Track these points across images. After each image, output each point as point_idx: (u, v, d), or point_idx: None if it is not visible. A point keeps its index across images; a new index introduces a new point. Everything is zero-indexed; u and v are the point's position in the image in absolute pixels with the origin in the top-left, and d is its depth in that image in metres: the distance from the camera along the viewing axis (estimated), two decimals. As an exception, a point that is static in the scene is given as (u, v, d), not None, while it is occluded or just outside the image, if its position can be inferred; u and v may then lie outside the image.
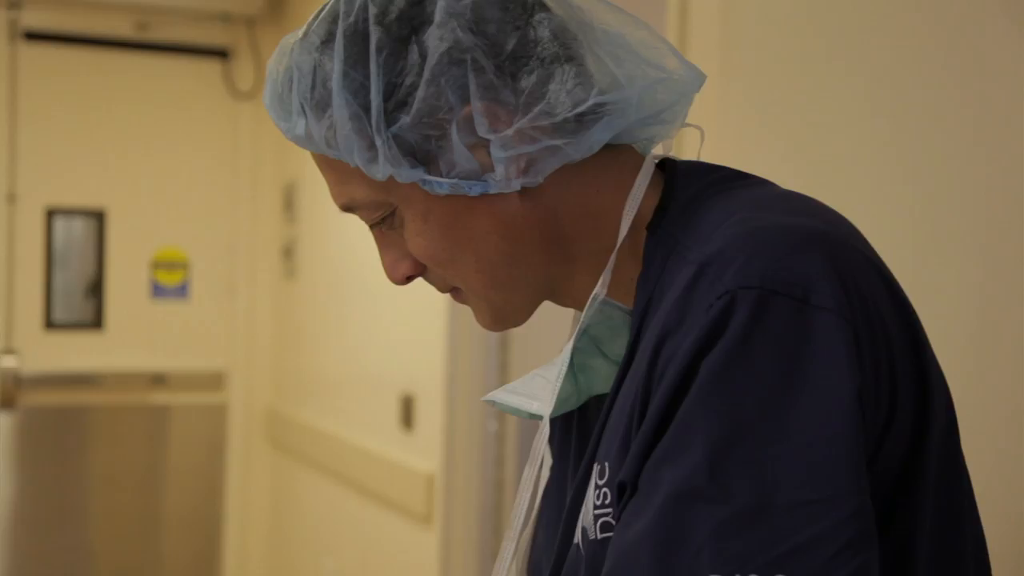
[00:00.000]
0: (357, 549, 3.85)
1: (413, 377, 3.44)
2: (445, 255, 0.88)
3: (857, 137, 1.59)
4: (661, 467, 0.74)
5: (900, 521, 0.78)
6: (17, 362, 4.25)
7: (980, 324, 1.39)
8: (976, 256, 1.40)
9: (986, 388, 1.35)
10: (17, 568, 4.35)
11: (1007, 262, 1.36)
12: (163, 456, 4.56)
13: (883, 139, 1.55)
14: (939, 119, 1.46)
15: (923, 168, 1.48)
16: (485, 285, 0.89)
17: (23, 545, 4.35)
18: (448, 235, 0.87)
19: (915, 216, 1.49)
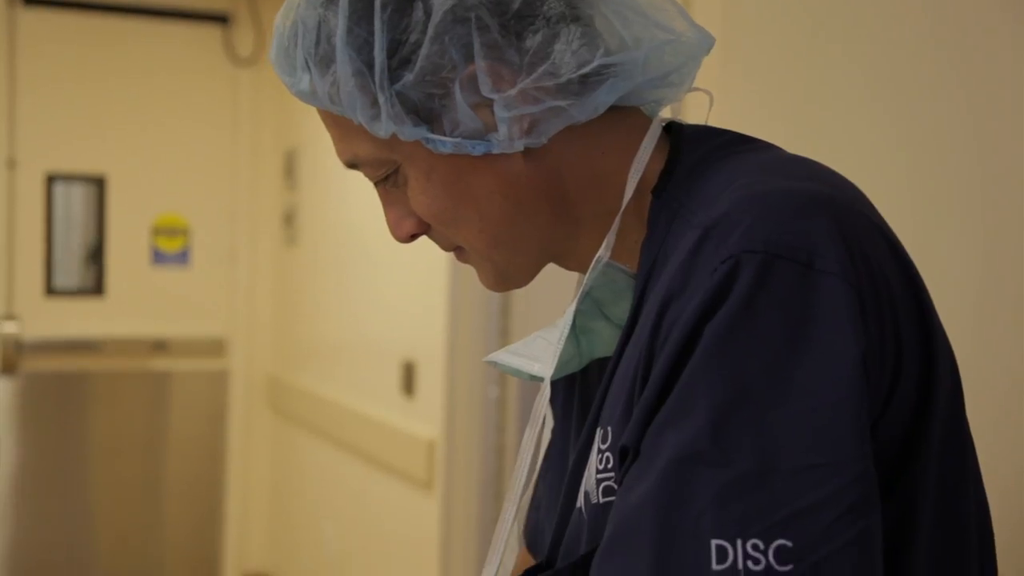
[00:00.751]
0: (358, 515, 3.86)
1: (414, 343, 3.44)
2: (448, 214, 0.87)
3: (857, 126, 1.59)
4: (663, 431, 0.74)
5: (904, 486, 0.78)
6: (18, 328, 4.25)
7: (981, 299, 1.38)
8: (977, 233, 1.40)
9: (988, 356, 1.35)
10: (18, 533, 4.37)
11: (1008, 239, 1.35)
12: (164, 422, 4.57)
13: (883, 129, 1.54)
14: (938, 104, 1.45)
15: (924, 160, 1.47)
16: (488, 245, 0.89)
17: (24, 510, 4.37)
18: (451, 194, 0.86)
19: (915, 205, 1.48)
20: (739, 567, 0.69)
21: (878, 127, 1.55)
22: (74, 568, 4.43)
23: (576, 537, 0.84)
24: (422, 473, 3.29)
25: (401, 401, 3.51)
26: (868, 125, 1.56)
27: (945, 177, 1.44)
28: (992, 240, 1.38)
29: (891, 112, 1.53)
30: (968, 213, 1.40)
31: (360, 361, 3.91)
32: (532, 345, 0.90)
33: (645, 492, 0.73)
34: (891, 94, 1.53)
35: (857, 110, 1.59)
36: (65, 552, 4.42)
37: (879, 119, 1.55)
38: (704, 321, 0.74)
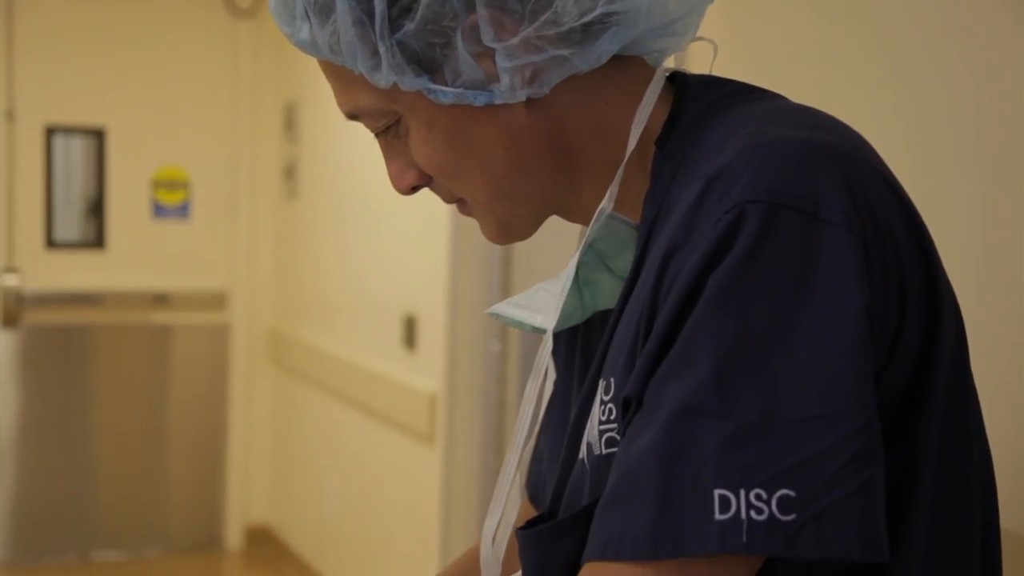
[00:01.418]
0: (360, 468, 3.88)
1: (415, 297, 3.44)
2: (450, 166, 0.87)
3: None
4: (666, 382, 0.73)
5: (907, 437, 0.78)
6: (19, 281, 4.26)
7: (984, 256, 1.38)
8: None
9: (992, 309, 1.35)
10: (21, 485, 4.39)
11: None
12: (166, 375, 4.58)
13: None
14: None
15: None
16: (490, 197, 0.88)
17: (27, 462, 4.39)
18: (453, 145, 0.86)
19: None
20: (742, 517, 0.69)
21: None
22: (77, 520, 4.47)
23: (578, 488, 0.84)
24: (423, 427, 3.30)
25: (402, 355, 3.52)
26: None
27: (945, 151, 1.43)
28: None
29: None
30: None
31: (361, 315, 3.92)
32: (534, 297, 0.89)
33: (648, 443, 0.73)
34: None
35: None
36: (68, 504, 4.45)
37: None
38: (707, 272, 0.73)
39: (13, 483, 4.38)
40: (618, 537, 0.73)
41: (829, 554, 0.70)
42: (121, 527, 4.52)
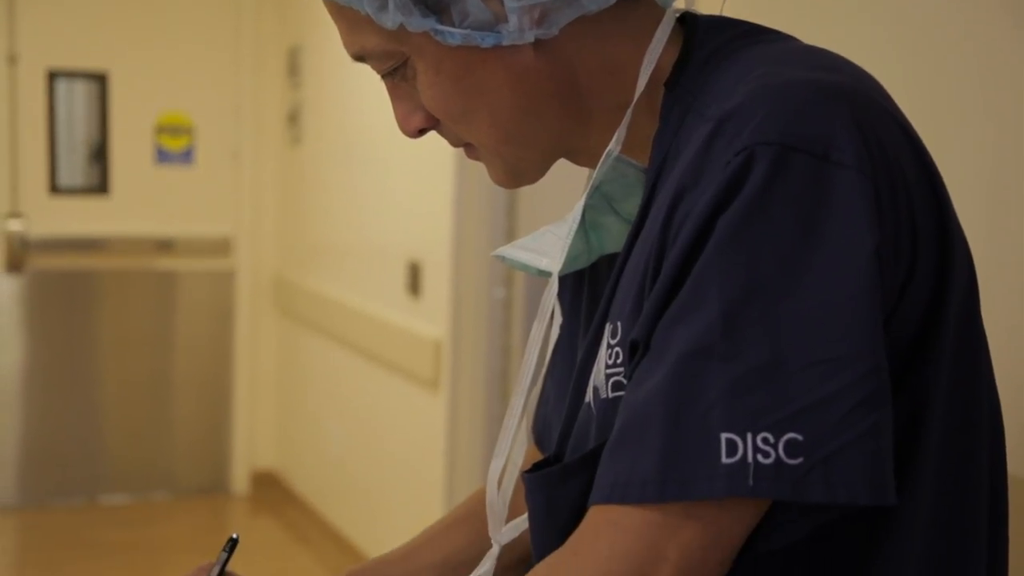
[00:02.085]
0: (365, 414, 3.90)
1: (420, 244, 3.44)
2: (458, 109, 0.85)
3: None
4: (674, 325, 0.73)
5: (916, 381, 0.77)
6: (23, 226, 4.25)
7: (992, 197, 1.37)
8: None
9: (1001, 255, 1.34)
10: (29, 430, 4.42)
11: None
12: (171, 321, 4.59)
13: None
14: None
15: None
16: (498, 140, 0.87)
17: (34, 407, 4.42)
18: (461, 88, 0.85)
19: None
20: (748, 460, 0.69)
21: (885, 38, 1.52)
22: (84, 464, 4.50)
23: (585, 432, 0.84)
24: (428, 373, 3.31)
25: (407, 301, 3.52)
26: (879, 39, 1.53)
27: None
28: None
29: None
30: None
31: (366, 261, 3.91)
32: (541, 240, 0.89)
33: (655, 386, 0.72)
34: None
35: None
36: (74, 448, 4.48)
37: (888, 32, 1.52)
38: (717, 214, 0.73)
39: (20, 427, 4.41)
40: (624, 480, 0.73)
41: (836, 498, 0.70)
42: (128, 471, 4.55)
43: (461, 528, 1.11)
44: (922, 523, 0.79)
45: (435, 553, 1.02)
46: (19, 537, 4.32)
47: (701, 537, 0.72)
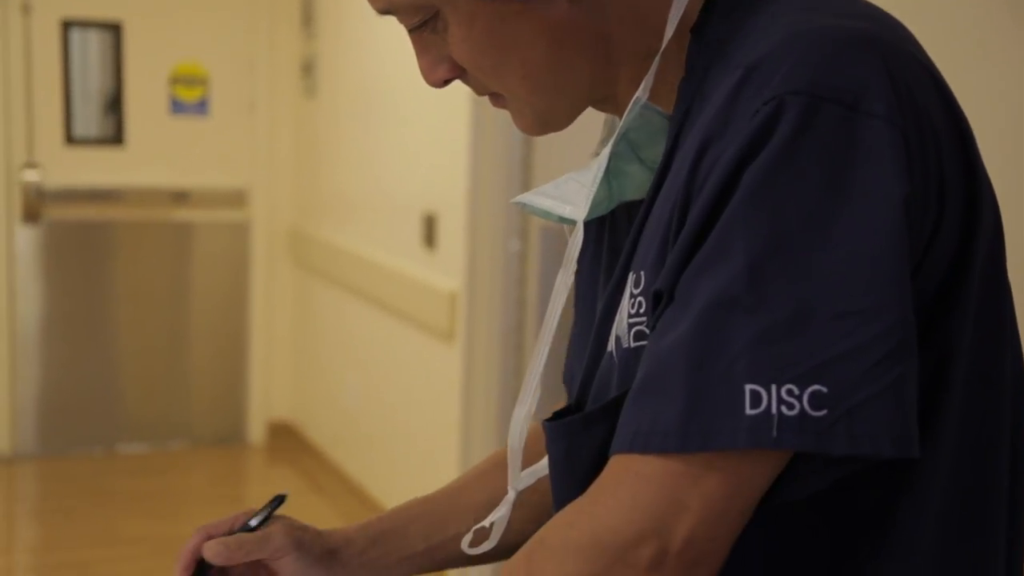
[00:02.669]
0: (380, 365, 3.92)
1: (435, 196, 3.43)
2: (490, 62, 0.84)
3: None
4: (699, 276, 0.73)
5: (941, 332, 0.77)
6: (39, 176, 4.25)
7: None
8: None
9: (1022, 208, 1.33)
10: (48, 379, 4.45)
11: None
12: (187, 273, 4.60)
13: None
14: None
15: None
16: (530, 91, 0.86)
17: (51, 357, 4.45)
18: (494, 41, 0.83)
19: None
20: (772, 412, 0.69)
21: None
22: (102, 413, 4.53)
23: (606, 381, 0.84)
24: (443, 325, 3.32)
25: (422, 254, 3.52)
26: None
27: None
28: None
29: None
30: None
31: (381, 213, 3.91)
32: (563, 187, 0.88)
33: (679, 337, 0.72)
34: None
35: None
36: (93, 397, 4.51)
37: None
38: (744, 165, 0.72)
39: (39, 376, 4.44)
40: (647, 430, 0.73)
41: (860, 450, 0.70)
42: (145, 420, 4.59)
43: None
44: (943, 476, 0.78)
45: (481, 492, 1.02)
46: (39, 485, 4.37)
47: (723, 487, 0.72)
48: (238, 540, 1.00)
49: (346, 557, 1.04)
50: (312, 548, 1.02)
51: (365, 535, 1.05)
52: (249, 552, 0.99)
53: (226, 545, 0.99)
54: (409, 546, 1.06)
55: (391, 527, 1.06)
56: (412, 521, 1.06)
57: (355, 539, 1.04)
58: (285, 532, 1.01)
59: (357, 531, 1.05)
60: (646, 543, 0.73)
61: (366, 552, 1.04)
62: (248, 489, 4.59)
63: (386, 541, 1.05)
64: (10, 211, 4.29)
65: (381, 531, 1.05)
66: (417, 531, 1.06)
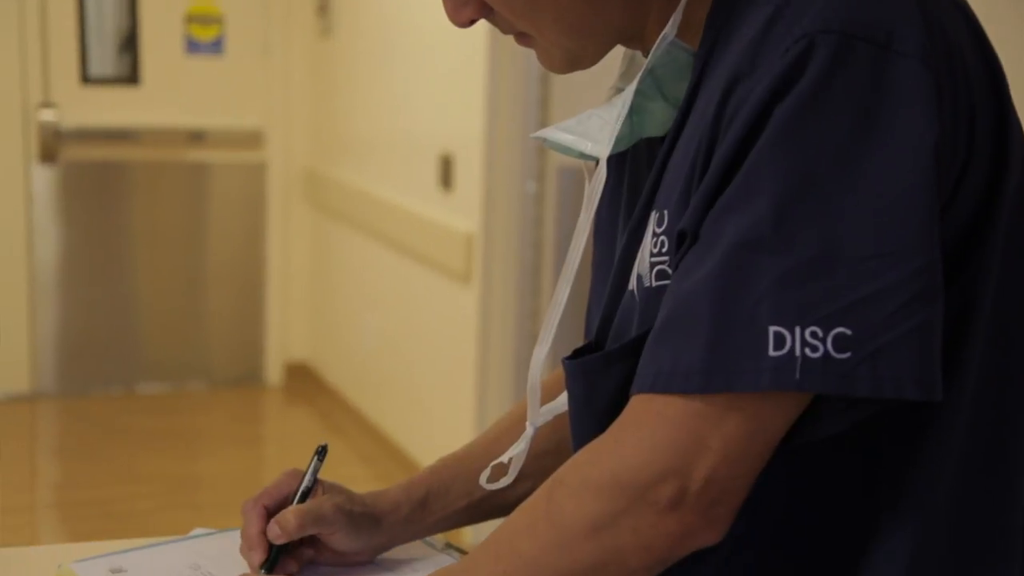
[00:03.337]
0: (398, 306, 3.92)
1: (452, 136, 3.41)
2: (523, 3, 0.83)
3: None
4: (725, 216, 0.72)
5: (967, 274, 0.76)
6: (56, 116, 4.24)
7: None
8: None
9: None
10: (66, 319, 4.48)
11: None
12: (204, 213, 4.60)
13: None
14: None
15: None
16: (561, 33, 0.85)
17: (69, 297, 4.47)
18: None
19: None
20: (796, 354, 0.69)
21: None
22: (120, 353, 4.56)
23: (627, 320, 0.83)
24: (460, 266, 3.31)
25: (439, 195, 3.51)
26: None
27: None
28: None
29: None
30: None
31: (398, 154, 3.89)
32: (586, 123, 0.87)
33: (703, 277, 0.72)
34: None
35: None
36: (111, 338, 4.54)
37: None
38: (773, 104, 0.71)
39: (57, 316, 4.46)
40: (669, 370, 0.72)
41: (883, 392, 0.69)
42: (163, 361, 4.61)
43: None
44: (965, 416, 0.78)
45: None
46: (59, 423, 4.41)
47: (744, 428, 0.72)
48: (297, 520, 1.00)
49: (390, 522, 1.05)
50: (361, 521, 1.03)
51: (409, 500, 1.06)
52: (304, 527, 1.01)
53: (283, 528, 1.00)
54: (452, 504, 1.07)
55: (436, 488, 1.07)
56: (454, 480, 1.07)
57: (400, 504, 1.05)
58: (335, 508, 1.02)
59: (400, 494, 1.06)
60: (666, 482, 0.73)
61: (410, 516, 1.06)
62: (266, 429, 4.63)
63: (430, 503, 1.06)
64: (27, 151, 4.29)
65: (426, 493, 1.06)
66: (459, 489, 1.07)
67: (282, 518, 1.01)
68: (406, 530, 1.06)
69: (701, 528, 0.74)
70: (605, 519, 0.75)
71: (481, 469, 1.01)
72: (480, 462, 1.04)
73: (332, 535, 1.02)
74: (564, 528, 0.76)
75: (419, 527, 1.07)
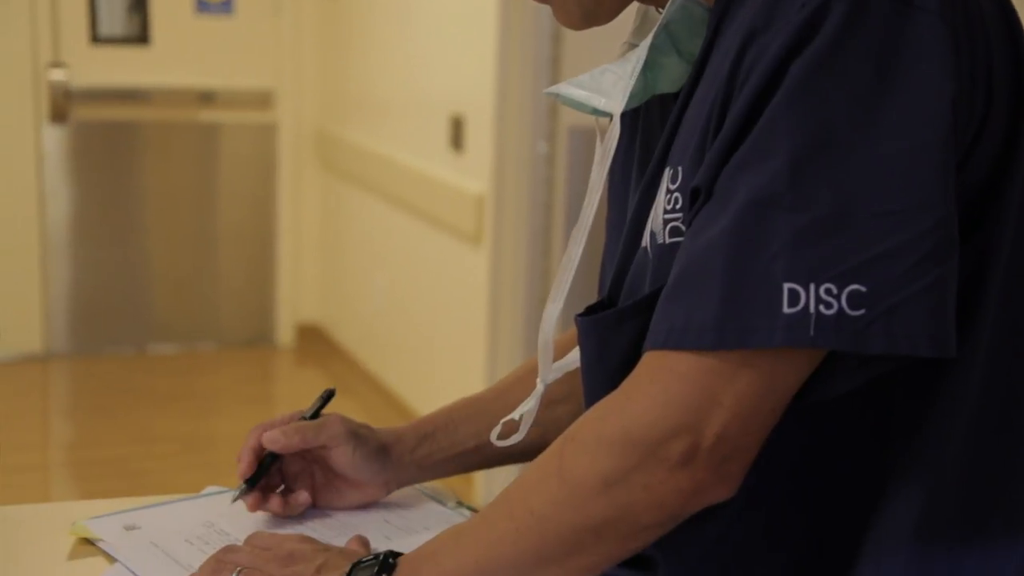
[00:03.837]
0: (408, 268, 3.92)
1: (462, 97, 3.40)
2: None
3: None
4: (740, 173, 0.71)
5: (982, 231, 0.76)
6: (66, 76, 4.23)
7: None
8: None
9: None
10: (78, 279, 4.49)
11: None
12: (214, 174, 4.60)
13: None
14: None
15: None
16: None
17: (81, 256, 4.48)
18: None
19: None
20: (810, 311, 0.68)
21: None
22: (132, 314, 4.58)
23: (640, 277, 0.83)
24: (471, 227, 3.31)
25: (450, 156, 3.50)
26: None
27: None
28: None
29: None
30: None
31: (408, 115, 3.88)
32: (599, 78, 0.86)
33: (717, 234, 0.71)
34: None
35: None
36: (123, 299, 4.55)
37: None
38: (789, 60, 0.70)
39: (69, 276, 4.47)
40: (682, 326, 0.72)
41: (897, 350, 0.69)
42: (175, 322, 4.63)
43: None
44: (978, 373, 0.78)
45: (528, 391, 1.03)
46: (71, 383, 4.44)
47: (757, 385, 0.72)
48: (296, 427, 1.01)
49: (397, 454, 1.05)
50: (367, 441, 1.04)
51: (416, 433, 1.06)
52: (306, 438, 1.01)
53: (284, 432, 1.01)
54: (460, 443, 1.07)
55: (442, 425, 1.07)
56: (462, 421, 1.07)
57: (406, 437, 1.06)
58: (341, 421, 1.03)
59: (408, 429, 1.07)
60: (678, 438, 0.73)
61: (417, 450, 1.06)
62: (277, 389, 4.64)
63: (437, 439, 1.06)
64: (37, 111, 4.28)
65: (433, 429, 1.07)
66: (467, 430, 1.07)
67: (285, 426, 1.02)
68: (413, 463, 1.06)
69: (712, 484, 0.74)
70: (617, 475, 0.75)
71: (492, 412, 1.01)
72: (492, 405, 1.04)
73: (337, 449, 1.02)
74: (576, 484, 0.76)
75: (427, 462, 1.07)
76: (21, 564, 0.97)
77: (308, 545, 0.91)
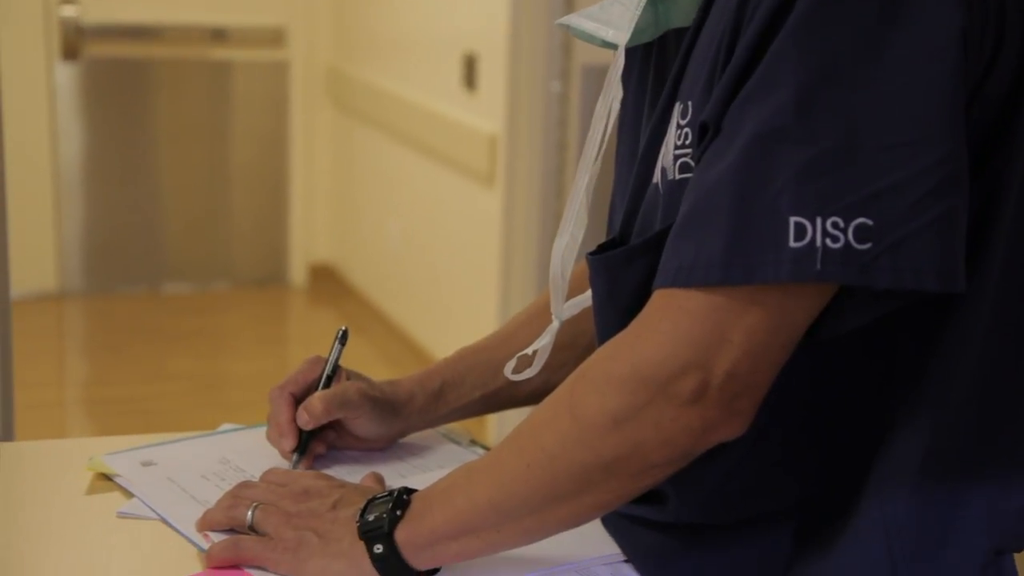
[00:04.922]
0: (420, 207, 3.92)
1: (476, 36, 3.37)
2: None
3: None
4: (746, 107, 0.71)
5: (993, 167, 0.76)
6: (77, 12, 4.21)
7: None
8: None
9: None
10: (91, 217, 4.50)
11: None
12: (227, 112, 4.58)
13: None
14: None
15: None
16: None
17: (93, 194, 4.48)
18: None
19: None
20: (817, 244, 0.68)
21: None
22: (145, 253, 4.59)
23: (651, 213, 0.83)
24: (484, 167, 3.30)
25: (463, 96, 3.48)
26: None
27: None
28: None
29: None
30: None
31: (421, 54, 3.85)
32: (609, 10, 0.85)
33: (724, 169, 0.71)
34: None
35: None
36: (136, 237, 4.56)
37: None
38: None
39: (82, 215, 4.48)
40: (690, 263, 0.72)
41: (904, 284, 0.69)
42: (188, 261, 4.64)
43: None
44: (987, 310, 0.78)
45: (533, 335, 1.04)
46: (85, 321, 4.46)
47: (766, 321, 0.72)
48: (324, 405, 1.02)
49: (407, 412, 1.07)
50: (383, 407, 1.05)
51: (424, 391, 1.07)
52: (331, 414, 1.03)
53: (312, 414, 1.03)
54: (466, 395, 1.08)
55: (450, 380, 1.08)
56: (468, 372, 1.08)
57: (415, 395, 1.07)
58: (360, 392, 1.04)
59: (417, 385, 1.08)
60: (688, 375, 0.73)
61: (426, 406, 1.08)
62: (290, 330, 4.67)
63: (446, 393, 1.08)
64: (49, 47, 4.27)
65: (441, 384, 1.08)
66: (473, 381, 1.08)
67: (310, 404, 1.03)
68: (422, 419, 1.09)
69: (722, 422, 0.74)
70: (627, 412, 0.75)
71: (496, 361, 1.02)
72: (496, 354, 1.05)
73: (356, 419, 1.04)
74: (586, 422, 0.77)
75: (434, 416, 1.09)
76: (39, 498, 0.98)
77: (323, 481, 0.93)
